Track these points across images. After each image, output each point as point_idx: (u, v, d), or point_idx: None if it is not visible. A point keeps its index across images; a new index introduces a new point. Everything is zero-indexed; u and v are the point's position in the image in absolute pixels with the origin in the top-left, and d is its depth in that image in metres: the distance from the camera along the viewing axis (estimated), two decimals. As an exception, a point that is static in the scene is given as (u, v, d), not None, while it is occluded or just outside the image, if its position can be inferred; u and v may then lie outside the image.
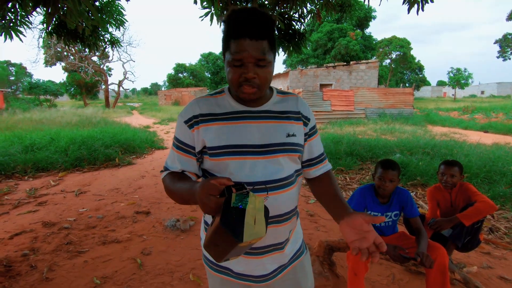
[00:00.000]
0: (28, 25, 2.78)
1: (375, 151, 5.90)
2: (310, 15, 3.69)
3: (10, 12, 2.61)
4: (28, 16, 2.73)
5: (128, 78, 30.24)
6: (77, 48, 23.54)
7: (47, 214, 3.40)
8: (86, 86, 29.22)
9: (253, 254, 0.92)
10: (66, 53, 26.35)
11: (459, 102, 30.88)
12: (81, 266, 2.34)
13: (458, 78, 41.08)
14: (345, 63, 17.73)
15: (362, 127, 11.51)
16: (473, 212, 1.90)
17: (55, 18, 3.08)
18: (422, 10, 2.62)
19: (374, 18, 34.21)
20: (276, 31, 0.85)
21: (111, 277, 2.20)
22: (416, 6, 2.61)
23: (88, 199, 3.93)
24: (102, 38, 3.78)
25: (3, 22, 2.61)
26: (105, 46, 4.03)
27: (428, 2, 2.58)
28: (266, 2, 3.48)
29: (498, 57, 38.85)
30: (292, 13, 3.50)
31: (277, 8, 3.37)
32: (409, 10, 2.65)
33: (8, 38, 2.67)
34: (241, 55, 0.79)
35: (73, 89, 30.11)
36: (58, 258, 2.45)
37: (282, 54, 3.76)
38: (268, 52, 0.81)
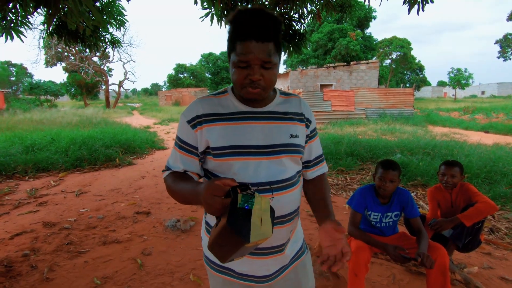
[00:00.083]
0: (28, 25, 2.79)
1: (376, 152, 5.90)
2: (310, 16, 3.70)
3: (11, 12, 2.62)
4: (28, 16, 2.74)
5: (128, 78, 30.31)
6: (77, 48, 23.59)
7: (48, 215, 3.40)
8: (86, 86, 29.26)
9: (257, 255, 0.92)
10: (66, 53, 26.41)
11: (460, 103, 30.87)
12: (81, 266, 2.34)
13: (459, 79, 41.04)
14: (345, 64, 17.71)
15: (362, 128, 11.51)
16: (473, 212, 1.90)
17: (56, 19, 3.08)
18: (423, 10, 2.62)
19: (375, 18, 34.23)
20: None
21: (112, 277, 2.20)
22: (416, 6, 2.61)
23: (88, 200, 3.94)
24: (102, 38, 3.78)
25: (4, 22, 2.62)
26: (105, 46, 4.03)
27: (428, 2, 2.58)
28: (266, 3, 3.49)
29: (498, 57, 38.87)
30: (292, 13, 3.50)
31: (277, 8, 3.37)
32: (409, 10, 2.65)
33: (9, 38, 2.68)
34: (247, 57, 0.79)
35: (73, 89, 30.15)
36: (59, 258, 2.45)
37: (282, 54, 3.76)
38: (274, 54, 0.81)
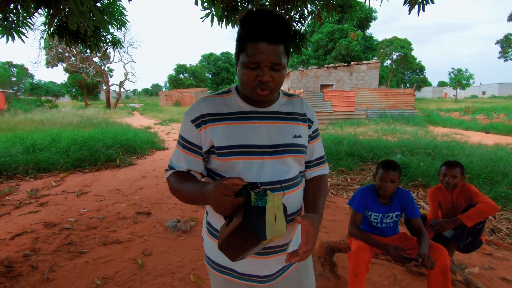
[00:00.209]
0: (30, 26, 2.79)
1: (376, 152, 5.89)
2: (311, 16, 3.70)
3: (12, 13, 2.63)
4: (30, 17, 2.74)
5: (129, 79, 30.27)
6: (78, 49, 23.64)
7: (48, 215, 3.40)
8: (87, 87, 29.29)
9: (259, 254, 0.93)
10: (67, 54, 26.47)
11: (460, 103, 30.84)
12: (82, 266, 2.34)
13: (459, 79, 40.98)
14: (346, 64, 17.70)
15: (363, 128, 11.50)
16: (474, 213, 1.90)
17: (57, 19, 3.09)
18: (423, 10, 2.62)
19: (375, 18, 34.20)
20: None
21: (112, 277, 2.20)
22: (417, 6, 2.60)
23: (89, 200, 3.94)
24: (103, 39, 3.79)
25: (5, 23, 2.62)
26: (106, 47, 4.03)
27: (429, 3, 2.58)
28: (267, 3, 3.49)
29: (499, 57, 38.83)
30: (292, 14, 3.50)
31: (277, 9, 3.37)
32: (410, 10, 2.64)
33: (10, 39, 2.69)
34: (258, 58, 0.79)
35: (74, 90, 30.19)
36: (59, 259, 2.45)
37: None
38: (283, 56, 0.82)
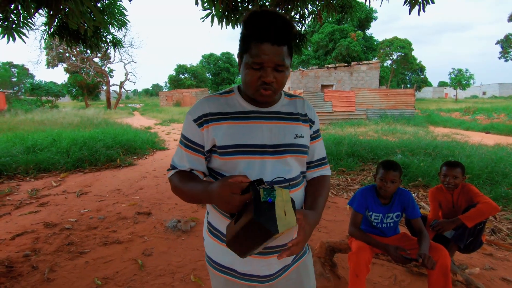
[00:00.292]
0: (30, 26, 2.80)
1: (377, 152, 5.89)
2: (311, 16, 3.70)
3: (12, 13, 2.63)
4: (30, 17, 2.75)
5: (129, 79, 30.30)
6: (79, 49, 23.65)
7: (49, 215, 3.41)
8: (87, 87, 29.32)
9: (260, 254, 0.93)
10: (68, 54, 26.49)
11: (461, 103, 30.81)
12: (82, 266, 2.34)
13: (460, 79, 40.95)
14: (346, 64, 17.69)
15: (363, 128, 11.50)
16: (475, 213, 1.89)
17: (57, 20, 3.09)
18: (423, 11, 2.61)
19: (375, 19, 34.19)
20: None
21: (112, 278, 2.20)
22: (417, 7, 2.60)
23: (89, 200, 3.94)
24: (104, 39, 3.79)
25: (6, 23, 2.63)
26: (106, 47, 4.04)
27: (429, 3, 2.58)
28: (267, 4, 3.49)
29: (499, 57, 38.81)
30: (293, 14, 3.50)
31: (278, 9, 3.37)
32: (410, 11, 2.64)
33: (11, 39, 2.69)
34: (261, 59, 0.80)
35: (74, 90, 30.21)
36: (60, 259, 2.45)
37: None
38: (286, 57, 0.83)
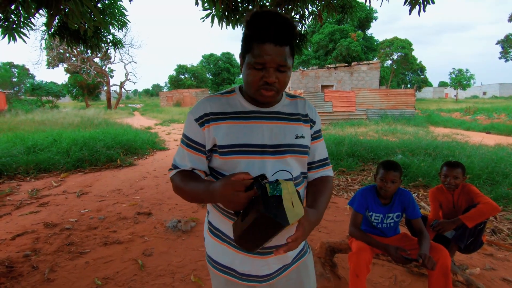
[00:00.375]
0: (31, 26, 2.80)
1: (377, 152, 5.89)
2: (312, 16, 3.70)
3: (13, 14, 2.63)
4: (30, 18, 2.75)
5: (129, 79, 30.34)
6: (79, 49, 23.67)
7: (49, 215, 3.41)
8: (88, 87, 29.34)
9: (259, 254, 0.93)
10: (68, 54, 26.51)
11: (461, 103, 30.80)
12: (82, 267, 2.34)
13: (460, 79, 40.93)
14: (346, 64, 17.67)
15: (363, 128, 11.50)
16: (476, 213, 1.89)
17: (58, 20, 3.10)
18: (424, 11, 2.61)
19: (376, 19, 34.18)
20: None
21: (113, 278, 2.20)
22: (417, 7, 2.60)
23: (89, 200, 3.94)
24: (104, 39, 3.80)
25: (6, 24, 2.63)
26: (107, 47, 4.04)
27: (429, 3, 2.58)
28: (267, 4, 3.49)
29: (500, 57, 38.77)
30: (293, 14, 3.50)
31: (278, 9, 3.37)
32: (410, 11, 2.64)
33: (11, 39, 2.69)
34: (264, 59, 0.80)
35: (75, 90, 30.24)
36: (60, 259, 2.45)
37: None
38: (289, 57, 0.83)
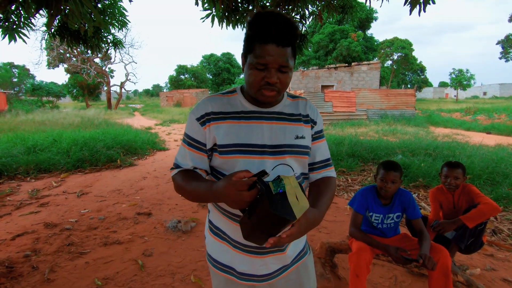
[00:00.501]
0: (31, 27, 2.80)
1: (377, 152, 5.89)
2: (312, 17, 3.70)
3: (13, 14, 2.64)
4: (30, 18, 2.75)
5: (130, 79, 30.31)
6: (79, 50, 23.69)
7: (49, 215, 3.41)
8: (88, 87, 29.36)
9: (257, 254, 0.93)
10: (68, 55, 26.53)
11: (461, 103, 30.79)
12: (82, 267, 2.34)
13: (460, 79, 40.92)
14: (346, 64, 17.67)
15: (363, 128, 11.49)
16: (476, 214, 1.89)
17: (58, 20, 3.10)
18: (424, 11, 2.61)
19: (376, 19, 34.17)
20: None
21: (113, 278, 2.20)
22: (417, 7, 2.60)
23: (89, 200, 3.94)
24: (104, 39, 3.80)
25: (7, 24, 2.63)
26: (107, 47, 4.05)
27: (429, 3, 2.58)
28: (268, 4, 3.49)
29: (500, 58, 38.75)
30: (293, 14, 3.50)
31: (278, 9, 3.37)
32: (410, 11, 2.64)
33: (12, 40, 2.69)
34: (266, 60, 0.80)
35: (75, 90, 30.24)
36: (60, 259, 2.45)
37: None
38: (290, 58, 0.83)
